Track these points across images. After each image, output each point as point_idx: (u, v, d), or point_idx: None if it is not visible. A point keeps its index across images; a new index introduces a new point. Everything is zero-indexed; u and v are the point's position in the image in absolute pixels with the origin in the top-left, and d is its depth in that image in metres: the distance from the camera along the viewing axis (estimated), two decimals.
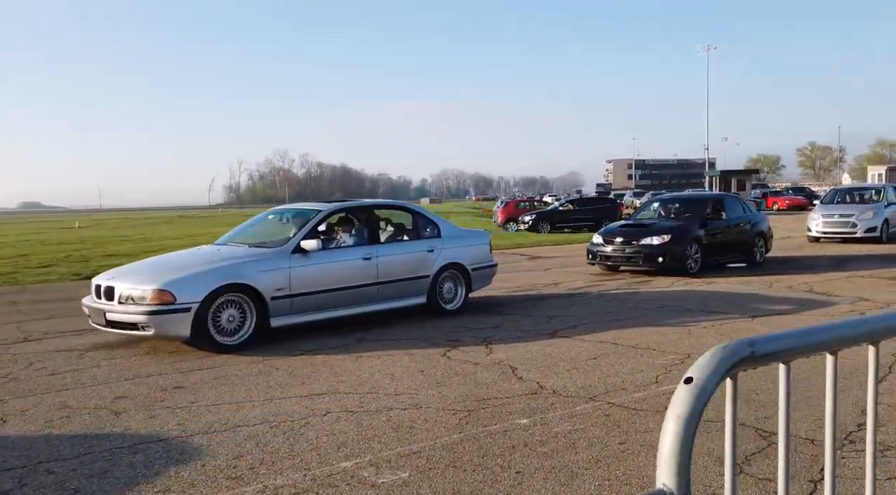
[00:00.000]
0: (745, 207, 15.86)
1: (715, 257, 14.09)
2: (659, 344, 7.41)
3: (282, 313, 7.76)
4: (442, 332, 8.31)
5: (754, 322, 8.60)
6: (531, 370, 6.35)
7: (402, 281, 9.07)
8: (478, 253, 10.14)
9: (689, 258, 13.30)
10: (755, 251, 15.01)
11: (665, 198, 16.96)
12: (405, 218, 10.01)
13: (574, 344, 7.48)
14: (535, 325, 8.62)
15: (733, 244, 14.62)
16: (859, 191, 21.68)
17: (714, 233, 14.08)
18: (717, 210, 14.78)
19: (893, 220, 19.94)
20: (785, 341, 1.44)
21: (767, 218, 16.58)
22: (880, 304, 9.73)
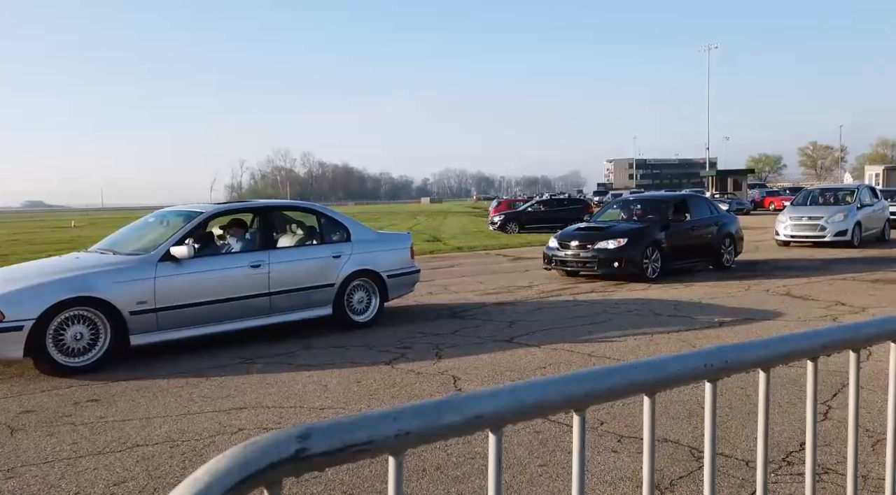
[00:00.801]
0: (712, 208, 15.24)
1: (678, 261, 13.48)
2: (617, 352, 7.11)
3: (145, 329, 6.86)
4: (396, 338, 8.01)
5: (721, 329, 8.27)
6: (473, 381, 6.05)
7: (301, 290, 8.16)
8: (395, 258, 9.26)
9: (648, 262, 12.71)
10: (723, 254, 14.41)
11: (627, 198, 16.21)
12: (309, 220, 9.11)
13: (528, 352, 7.18)
14: (495, 331, 8.31)
15: (698, 247, 14.00)
16: (833, 191, 20.62)
17: (676, 235, 13.46)
18: (681, 211, 14.20)
19: (867, 223, 18.97)
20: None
21: (738, 219, 15.87)
22: (858, 308, 9.42)
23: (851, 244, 17.97)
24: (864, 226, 18.55)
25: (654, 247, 12.85)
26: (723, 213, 15.36)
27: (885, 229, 20.15)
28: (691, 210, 14.28)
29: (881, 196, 21.01)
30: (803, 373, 5.27)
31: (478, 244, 23.89)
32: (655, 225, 13.34)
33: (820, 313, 9.16)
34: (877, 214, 19.60)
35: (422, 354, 7.11)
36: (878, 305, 9.64)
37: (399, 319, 9.29)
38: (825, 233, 18.03)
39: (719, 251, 14.29)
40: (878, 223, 19.73)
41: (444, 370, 6.42)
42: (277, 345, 7.70)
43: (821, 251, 17.29)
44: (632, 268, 12.48)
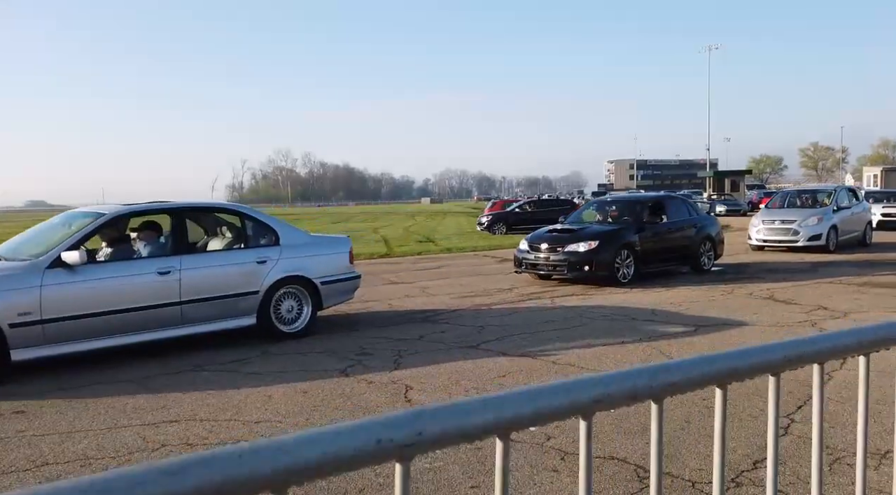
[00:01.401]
0: (690, 209, 14.75)
1: (652, 264, 13.08)
2: (582, 359, 6.84)
3: (29, 343, 6.26)
4: (359, 343, 7.75)
5: (696, 336, 7.99)
6: (426, 390, 5.78)
7: (217, 299, 7.49)
8: (331, 263, 8.57)
9: (621, 266, 12.28)
10: (702, 257, 13.99)
11: (603, 200, 15.69)
12: (233, 222, 8.46)
13: (491, 359, 6.91)
14: (463, 336, 8.04)
15: (675, 250, 13.60)
16: (811, 193, 19.61)
17: (651, 238, 13.07)
18: (657, 213, 13.79)
19: (845, 227, 17.99)
20: None
21: (718, 221, 15.41)
22: (839, 313, 9.15)
23: (826, 249, 17.12)
24: (842, 230, 17.70)
25: (627, 250, 12.45)
26: (702, 215, 14.97)
27: (866, 233, 19.28)
28: (668, 212, 13.88)
29: (862, 198, 20.15)
30: (767, 384, 4.99)
31: (468, 245, 23.64)
32: (629, 227, 12.98)
33: (800, 318, 8.89)
34: (856, 217, 18.71)
35: (380, 361, 6.84)
36: (860, 310, 9.37)
37: (367, 324, 9.03)
38: (798, 237, 17.26)
39: (698, 254, 13.91)
40: (858, 226, 18.85)
41: (398, 379, 6.15)
42: (233, 350, 7.44)
43: (810, 254, 16.90)
44: (602, 271, 12.09)
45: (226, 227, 8.48)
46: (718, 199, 40.22)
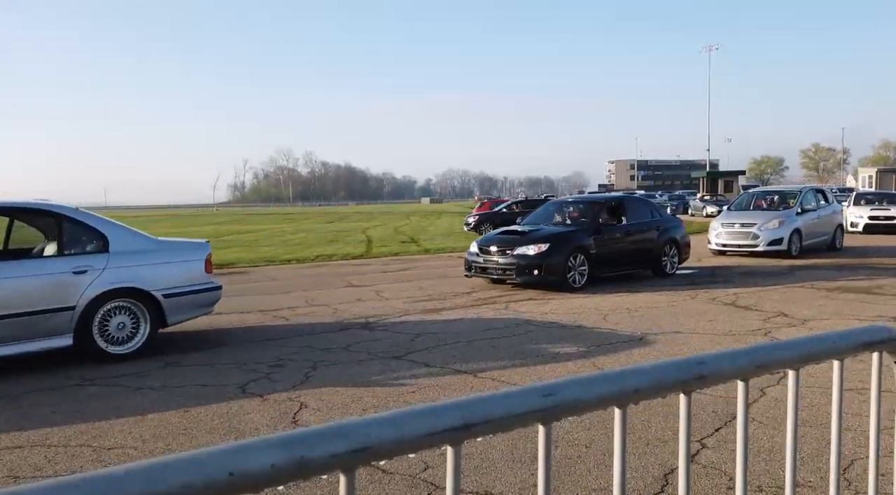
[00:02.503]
0: (654, 211, 14.13)
1: (609, 268, 12.51)
2: (507, 374, 6.38)
3: None
4: (277, 353, 7.29)
5: (639, 347, 7.53)
6: (322, 409, 5.32)
7: (14, 317, 6.33)
8: (179, 273, 7.43)
9: (573, 270, 11.65)
10: (664, 261, 13.38)
11: (562, 200, 15.03)
12: (47, 226, 7.43)
13: (409, 372, 6.45)
14: (392, 346, 7.58)
15: (635, 253, 13.01)
16: (777, 194, 18.59)
17: (608, 240, 12.51)
18: (616, 215, 13.23)
19: (811, 230, 17.05)
20: None
21: (683, 223, 14.63)
22: (798, 320, 8.68)
23: (788, 253, 16.14)
24: (807, 234, 16.75)
25: (581, 254, 11.85)
26: (666, 217, 14.37)
27: (835, 236, 18.21)
28: (628, 213, 13.32)
29: (832, 199, 19.09)
30: (694, 400, 4.56)
31: (448, 246, 23.26)
32: (584, 229, 12.39)
33: (756, 326, 8.42)
34: (824, 220, 17.73)
35: (289, 375, 6.37)
36: (821, 317, 8.91)
37: (299, 331, 8.57)
38: (758, 241, 16.25)
39: (660, 258, 13.31)
40: (826, 230, 17.85)
41: (297, 396, 5.68)
42: (134, 361, 6.96)
43: (793, 258, 16.38)
44: (553, 275, 11.49)
45: (33, 231, 7.57)
46: (711, 200, 39.66)
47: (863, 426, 4.73)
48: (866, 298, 10.37)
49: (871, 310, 9.28)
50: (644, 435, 4.66)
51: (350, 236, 30.68)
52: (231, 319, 9.49)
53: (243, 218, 68.64)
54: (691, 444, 1.24)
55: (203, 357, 7.19)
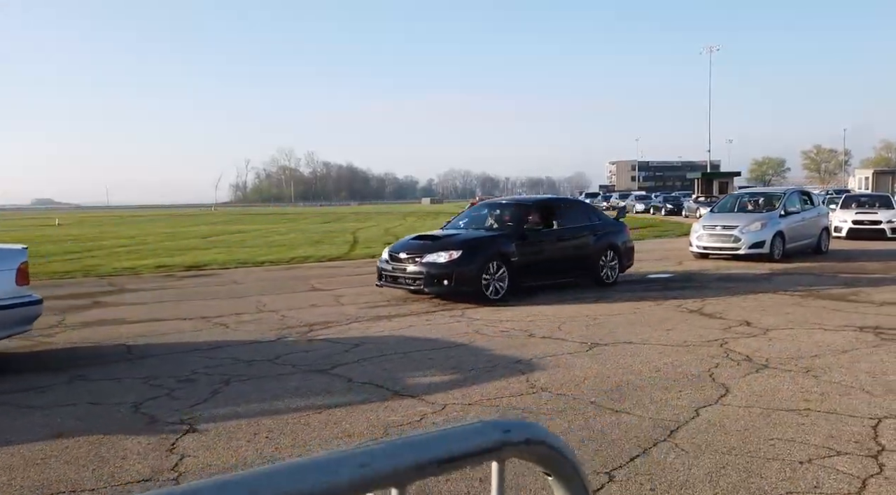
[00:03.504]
0: (591, 215, 13.04)
1: (535, 277, 11.45)
2: (437, 394, 5.93)
3: None
4: (194, 367, 6.84)
5: (588, 359, 7.09)
6: (207, 435, 4.87)
7: None
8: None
9: (491, 279, 10.59)
10: (603, 269, 12.36)
11: (493, 202, 13.91)
12: None
13: (326, 389, 6.01)
14: (320, 358, 7.12)
15: (567, 260, 11.93)
16: (762, 196, 18.18)
17: (535, 247, 11.45)
18: (545, 218, 12.10)
19: (795, 233, 16.51)
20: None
21: (627, 228, 13.54)
22: (760, 330, 8.23)
23: (770, 257, 15.63)
24: (790, 237, 16.25)
25: (500, 261, 10.77)
26: (606, 221, 13.16)
27: (821, 239, 17.67)
28: (559, 217, 12.29)
29: (818, 202, 18.61)
30: None
31: None
32: (506, 234, 11.40)
33: (714, 336, 7.98)
34: (808, 223, 17.21)
35: (195, 391, 5.95)
36: (785, 326, 8.47)
37: (230, 340, 8.13)
38: (739, 244, 15.76)
39: (597, 265, 12.30)
40: (811, 233, 17.33)
41: (191, 417, 5.25)
42: (39, 374, 6.53)
43: (775, 262, 15.90)
44: (465, 286, 10.43)
45: None
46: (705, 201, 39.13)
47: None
48: (840, 306, 9.92)
49: (839, 319, 8.83)
50: None
51: (338, 237, 30.25)
52: (168, 327, 9.08)
53: (240, 218, 68.26)
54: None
55: (116, 370, 6.76)
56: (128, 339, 8.20)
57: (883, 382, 5.91)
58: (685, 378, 6.18)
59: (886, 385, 5.82)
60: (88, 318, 9.84)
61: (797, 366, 6.51)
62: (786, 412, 5.15)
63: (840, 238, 21.46)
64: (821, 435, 4.64)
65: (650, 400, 5.50)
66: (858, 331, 8.06)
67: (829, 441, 4.53)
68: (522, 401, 5.51)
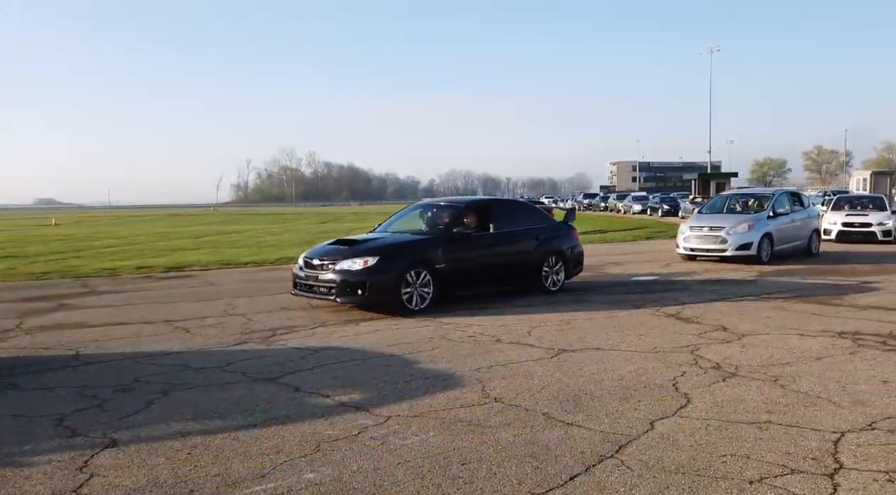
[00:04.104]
0: (535, 217, 12.06)
1: (467, 285, 10.62)
2: (383, 407, 5.66)
3: None
4: (132, 376, 6.57)
5: (554, 364, 6.81)
6: (122, 455, 4.59)
7: None
8: None
9: (412, 288, 9.77)
10: (547, 276, 11.55)
11: (429, 203, 12.97)
12: None
13: (267, 400, 5.75)
14: (273, 365, 6.86)
15: (505, 266, 11.09)
16: (752, 197, 17.88)
17: (466, 252, 10.52)
18: (482, 221, 11.21)
19: (785, 235, 16.20)
20: None
21: (575, 232, 12.64)
22: (737, 335, 7.95)
23: (757, 259, 15.35)
24: (779, 239, 15.94)
25: (424, 269, 9.88)
26: (552, 224, 12.25)
27: (811, 241, 17.36)
28: (497, 219, 11.31)
29: (808, 203, 18.27)
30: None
31: None
32: (432, 239, 10.51)
33: (687, 341, 7.71)
34: (798, 224, 16.90)
35: (128, 402, 5.67)
36: (762, 331, 8.20)
37: (186, 346, 7.87)
38: (726, 246, 15.46)
39: (539, 272, 11.44)
40: (801, 234, 17.03)
41: (114, 432, 4.96)
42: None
43: (763, 264, 15.59)
44: (381, 296, 9.60)
45: None
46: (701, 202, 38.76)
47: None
48: (822, 309, 9.65)
49: (818, 324, 8.55)
50: None
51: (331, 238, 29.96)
52: (127, 331, 8.82)
53: (238, 218, 68.07)
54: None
55: (53, 378, 6.48)
56: (80, 345, 7.93)
57: (852, 392, 5.63)
58: (647, 387, 5.91)
59: (855, 395, 5.54)
60: (48, 322, 9.58)
61: (766, 375, 6.23)
62: (745, 425, 4.87)
63: (830, 241, 20.94)
64: (778, 451, 4.37)
65: (606, 412, 5.23)
66: (836, 337, 7.79)
67: (786, 457, 4.25)
68: (471, 413, 5.23)
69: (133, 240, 31.25)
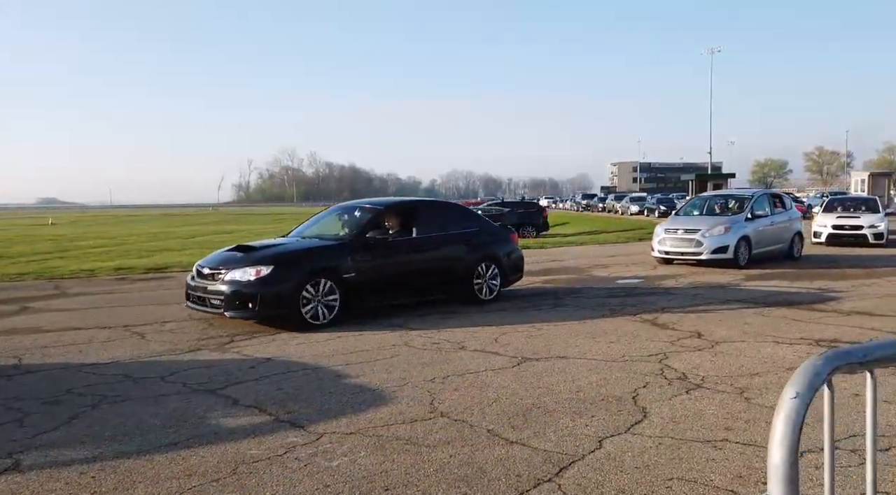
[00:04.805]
0: (466, 221, 11.04)
1: (383, 296, 9.67)
2: (319, 422, 5.34)
3: None
4: (66, 386, 6.24)
5: (515, 372, 6.48)
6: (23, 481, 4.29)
7: None
8: None
9: (314, 301, 8.78)
10: (480, 284, 10.62)
11: (343, 206, 11.68)
12: None
13: (201, 413, 5.44)
14: (218, 375, 6.53)
15: (429, 274, 10.18)
16: (727, 199, 17.09)
17: (381, 259, 9.57)
18: (404, 224, 10.27)
19: (763, 238, 15.59)
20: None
21: (513, 235, 11.77)
22: (711, 342, 7.63)
23: (735, 263, 14.75)
24: (757, 242, 15.35)
25: (328, 278, 8.90)
26: (487, 228, 11.19)
27: (793, 245, 16.68)
28: (421, 223, 10.33)
29: (790, 205, 17.60)
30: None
31: None
32: (340, 245, 9.48)
33: (658, 349, 7.39)
34: (778, 227, 16.25)
35: (50, 417, 5.30)
36: (738, 338, 7.88)
37: (136, 353, 7.55)
38: (701, 249, 14.83)
39: (470, 280, 10.51)
40: (782, 237, 16.40)
41: (22, 451, 4.66)
42: None
43: (740, 268, 15.11)
44: (273, 309, 8.62)
45: None
46: None
47: None
48: (803, 315, 9.31)
49: (797, 332, 8.22)
50: None
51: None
52: (81, 337, 8.51)
53: (236, 218, 67.83)
54: None
55: None
56: (26, 352, 7.62)
57: (819, 407, 5.29)
58: (605, 400, 5.58)
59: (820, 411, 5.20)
60: (3, 327, 9.27)
61: (732, 387, 5.90)
62: (700, 444, 4.54)
63: (820, 244, 20.37)
64: (729, 473, 4.05)
65: (554, 429, 4.91)
66: (813, 345, 7.45)
67: (735, 482, 3.93)
68: (412, 430, 4.91)
69: (123, 240, 30.99)
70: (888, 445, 4.45)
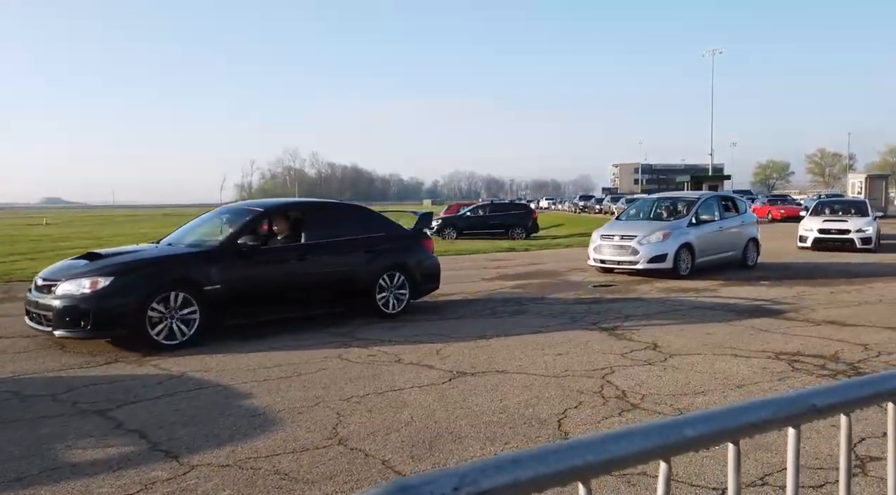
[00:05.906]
0: (369, 225, 9.92)
1: (256, 310, 8.58)
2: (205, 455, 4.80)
3: None
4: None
5: (451, 389, 5.95)
6: None
7: None
8: None
9: (166, 319, 7.60)
10: (384, 295, 9.56)
11: (227, 208, 10.49)
12: None
13: (77, 440, 4.90)
14: (122, 392, 6.01)
15: (319, 285, 9.08)
16: (678, 201, 15.41)
17: (256, 268, 8.51)
18: (291, 229, 9.29)
19: (707, 245, 14.08)
20: None
21: (426, 241, 10.51)
22: (665, 355, 7.08)
23: (675, 273, 13.29)
24: (702, 249, 13.91)
25: (184, 291, 7.74)
26: (394, 233, 10.05)
27: (746, 252, 15.13)
28: (311, 228, 9.21)
29: (745, 209, 16.10)
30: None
31: None
32: (202, 253, 8.38)
33: (607, 362, 6.85)
34: (730, 233, 14.85)
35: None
36: (695, 350, 7.34)
37: (51, 366, 7.01)
38: (637, 258, 13.41)
39: (372, 291, 9.42)
40: (735, 243, 14.94)
41: None
42: None
43: (683, 278, 13.71)
44: (113, 329, 7.52)
45: None
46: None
47: None
48: (771, 325, 8.74)
49: (760, 343, 7.66)
50: None
51: None
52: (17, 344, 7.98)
53: None
54: None
55: None
56: None
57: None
58: (527, 423, 5.05)
59: (762, 439, 4.65)
60: None
61: (671, 407, 5.36)
62: (613, 478, 4.00)
63: (806, 249, 19.42)
64: None
65: (458, 458, 4.38)
66: (773, 359, 6.90)
67: None
68: (297, 461, 4.37)
69: (108, 240, 30.49)
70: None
